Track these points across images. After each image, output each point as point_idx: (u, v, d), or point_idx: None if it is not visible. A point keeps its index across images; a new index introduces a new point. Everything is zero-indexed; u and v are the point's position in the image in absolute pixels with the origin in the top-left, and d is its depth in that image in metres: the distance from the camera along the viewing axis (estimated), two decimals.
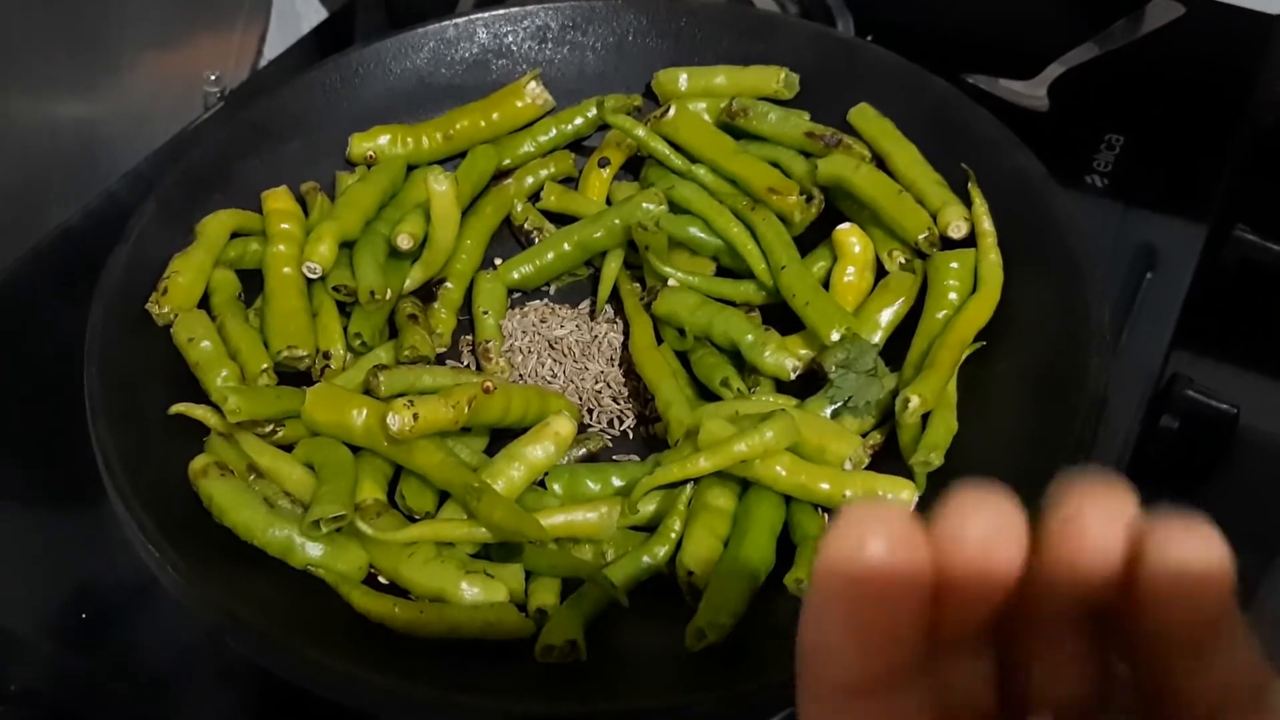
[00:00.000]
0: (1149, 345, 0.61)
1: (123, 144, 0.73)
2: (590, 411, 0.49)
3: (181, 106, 0.78)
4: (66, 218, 0.63)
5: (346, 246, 0.50)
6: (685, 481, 0.43)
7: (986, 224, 0.48)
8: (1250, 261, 0.68)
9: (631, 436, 0.49)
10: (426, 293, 0.51)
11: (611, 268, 0.52)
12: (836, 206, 0.52)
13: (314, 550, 0.40)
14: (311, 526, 0.39)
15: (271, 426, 0.44)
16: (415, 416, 0.41)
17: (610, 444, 0.48)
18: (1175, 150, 0.69)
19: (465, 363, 0.50)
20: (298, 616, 0.38)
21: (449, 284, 0.51)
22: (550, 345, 0.50)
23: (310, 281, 0.49)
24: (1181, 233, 0.67)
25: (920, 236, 0.49)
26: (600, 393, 0.50)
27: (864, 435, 0.45)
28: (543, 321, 0.51)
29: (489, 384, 0.43)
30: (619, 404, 0.50)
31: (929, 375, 0.44)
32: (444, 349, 0.50)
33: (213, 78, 0.78)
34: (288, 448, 0.44)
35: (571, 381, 0.50)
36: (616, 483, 0.45)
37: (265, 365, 0.45)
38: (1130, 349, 0.61)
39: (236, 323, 0.46)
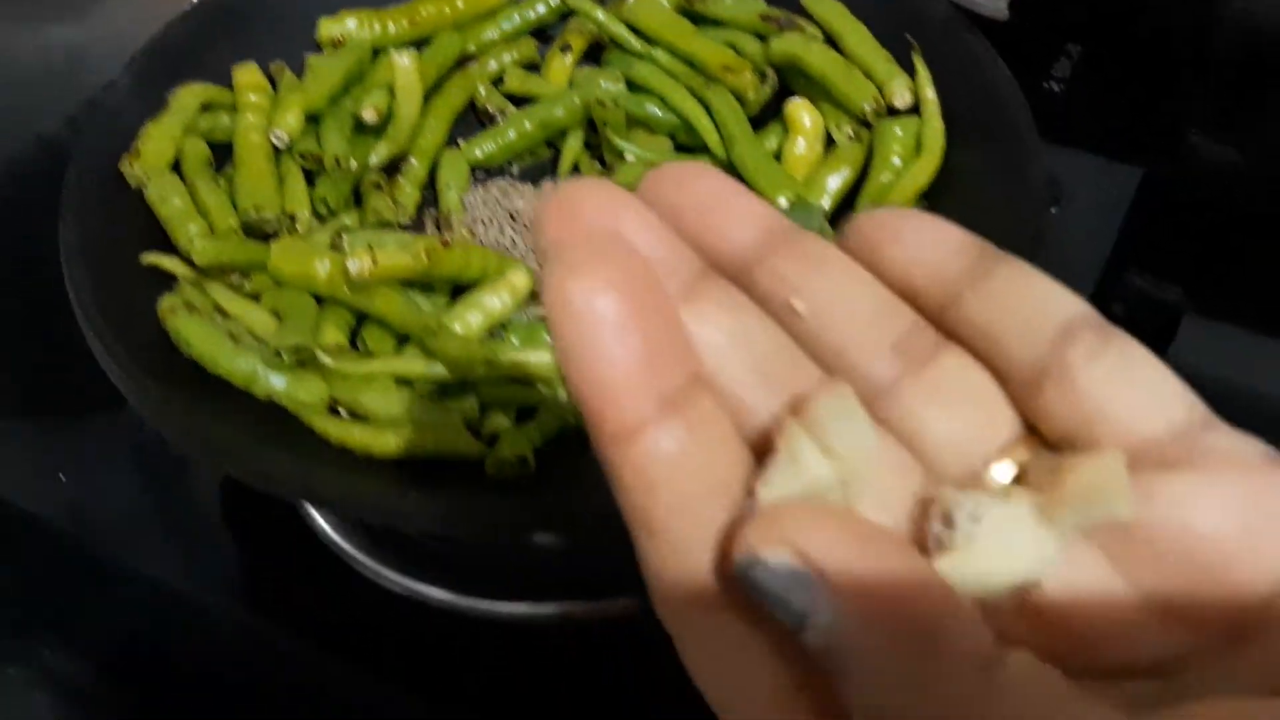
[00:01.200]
0: (1098, 241, 0.63)
1: (111, 65, 0.75)
2: None
3: None
4: (50, 129, 0.65)
5: (314, 121, 0.51)
6: None
7: (929, 92, 0.50)
8: (1203, 165, 0.70)
9: None
10: (392, 170, 0.53)
11: (572, 146, 0.54)
12: (790, 88, 0.54)
13: (277, 381, 0.41)
14: (274, 356, 0.41)
15: (238, 277, 0.46)
16: (375, 261, 0.43)
17: None
18: (1134, 60, 0.71)
19: (429, 234, 0.52)
20: (262, 435, 0.40)
21: (413, 160, 0.53)
22: (511, 217, 0.52)
23: (278, 152, 0.50)
24: (1137, 137, 0.69)
25: (866, 106, 0.50)
26: None
27: None
28: (504, 195, 0.53)
29: (447, 237, 0.45)
30: None
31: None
32: (408, 221, 0.52)
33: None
34: (255, 300, 0.46)
35: (531, 251, 0.52)
36: None
37: (233, 224, 0.47)
38: (1078, 244, 0.63)
39: (206, 185, 0.48)
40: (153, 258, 0.45)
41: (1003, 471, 0.19)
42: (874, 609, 0.16)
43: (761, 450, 0.19)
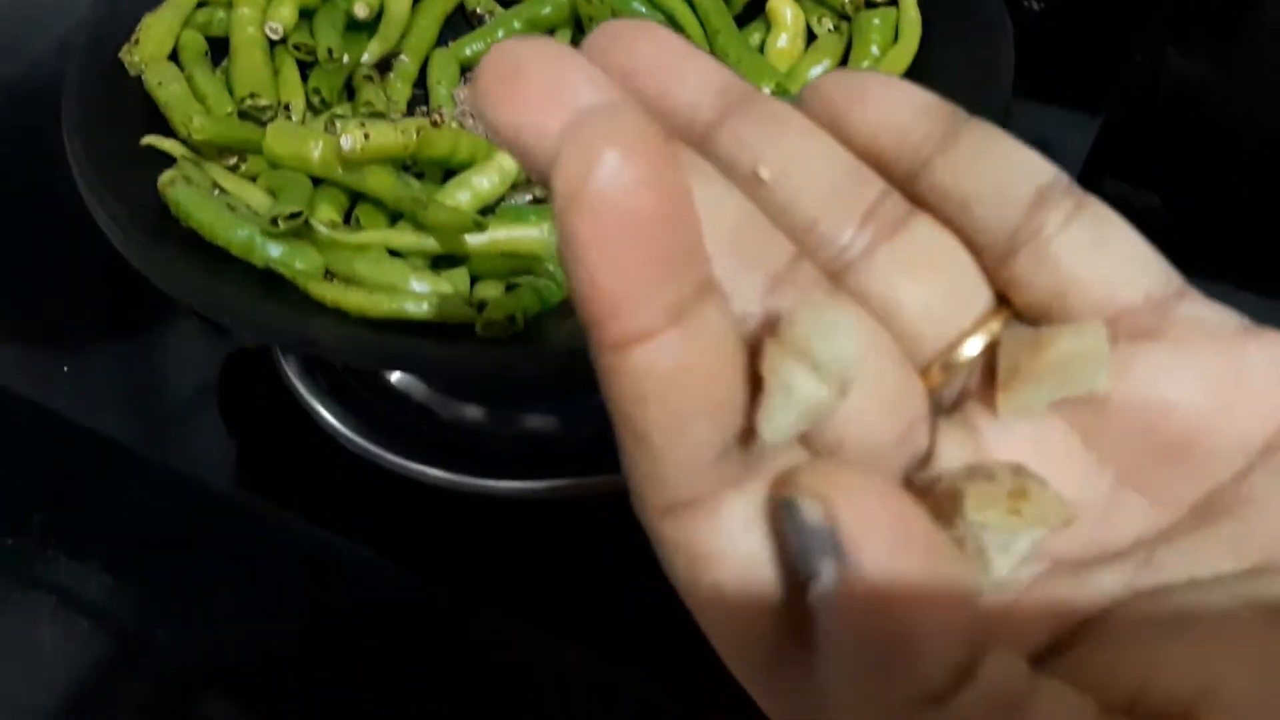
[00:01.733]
0: (1073, 144, 0.64)
1: None
2: None
3: None
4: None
5: (307, 17, 0.53)
6: None
7: None
8: (1179, 80, 0.71)
9: None
10: (384, 69, 0.54)
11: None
12: None
13: (274, 249, 0.43)
14: (270, 224, 0.43)
15: (235, 159, 0.47)
16: (366, 137, 0.44)
17: None
18: None
19: None
20: (260, 293, 0.41)
21: (404, 57, 0.54)
22: None
23: (273, 45, 0.52)
24: (1117, 52, 0.70)
25: (846, 0, 0.52)
26: None
27: None
28: None
29: (437, 117, 0.47)
30: None
31: None
32: (399, 115, 0.53)
33: None
34: (251, 181, 0.47)
35: None
36: None
37: (230, 110, 0.49)
38: (1053, 142, 0.64)
39: (203, 74, 0.49)
40: (152, 139, 0.47)
41: (974, 345, 0.19)
42: (869, 604, 0.15)
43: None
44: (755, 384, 0.17)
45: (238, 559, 0.53)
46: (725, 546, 0.17)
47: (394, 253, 0.45)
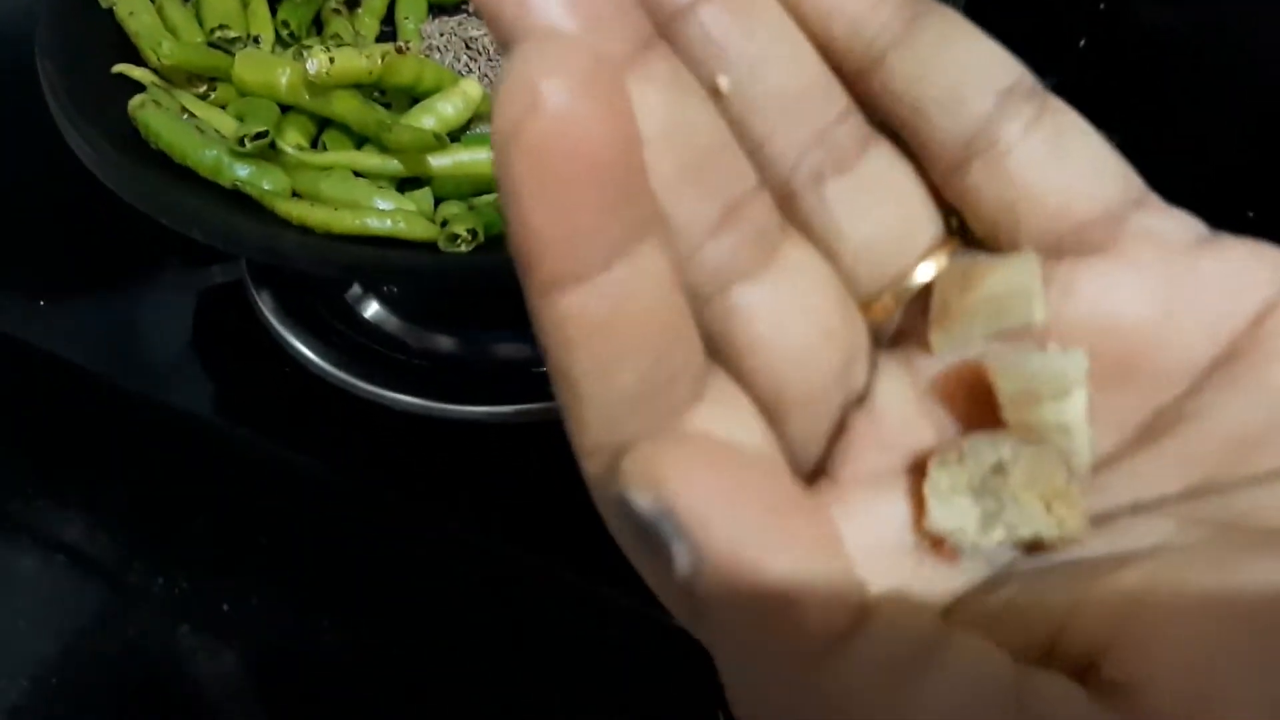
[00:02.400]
0: None
1: None
2: None
3: None
4: None
5: None
6: None
7: None
8: (1141, 19, 0.72)
9: None
10: (353, 3, 0.55)
11: None
12: None
13: (241, 170, 0.44)
14: (238, 145, 0.44)
15: (205, 88, 0.48)
16: (332, 61, 0.45)
17: None
18: None
19: None
20: (228, 209, 0.42)
21: None
22: (466, 45, 0.55)
23: None
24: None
25: None
26: None
27: None
28: (460, 25, 0.55)
29: (402, 45, 0.48)
30: None
31: None
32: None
33: None
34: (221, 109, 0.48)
35: (486, 76, 0.54)
36: None
37: (199, 40, 0.50)
38: None
39: (174, 6, 0.50)
40: (123, 66, 0.48)
41: (922, 274, 0.19)
42: (729, 571, 0.14)
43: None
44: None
45: (215, 487, 0.54)
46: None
47: (360, 175, 0.46)
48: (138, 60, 0.49)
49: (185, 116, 0.46)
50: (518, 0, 0.15)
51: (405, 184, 0.46)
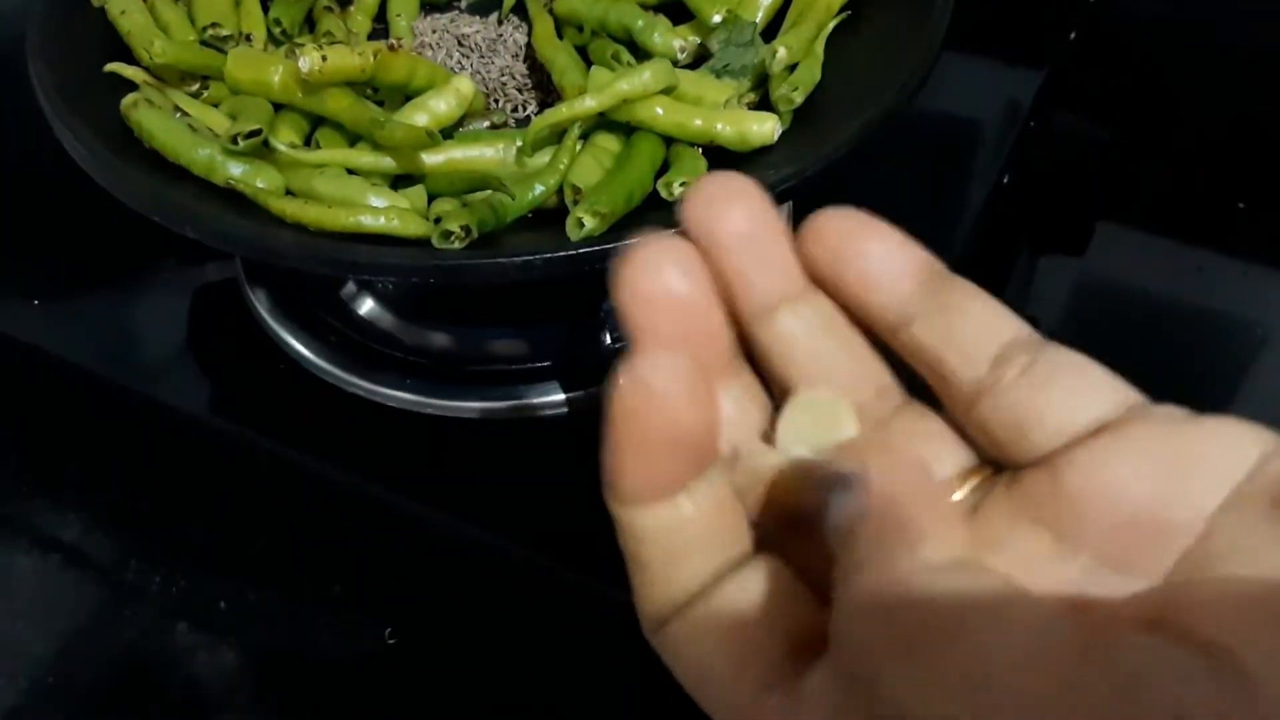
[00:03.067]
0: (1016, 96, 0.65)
1: None
2: (496, 102, 0.54)
3: None
4: None
5: None
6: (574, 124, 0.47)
7: None
8: (1130, 13, 0.73)
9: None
10: (345, 1, 0.55)
11: None
12: None
13: (235, 168, 0.44)
14: (231, 143, 0.44)
15: (197, 86, 0.48)
16: (324, 58, 0.45)
17: (513, 124, 0.52)
18: None
19: None
20: (223, 210, 0.42)
21: None
22: (458, 42, 0.55)
23: None
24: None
25: None
26: (505, 84, 0.54)
27: (739, 95, 0.50)
28: (452, 23, 0.55)
29: (395, 42, 0.48)
30: (523, 94, 0.54)
31: (797, 31, 0.49)
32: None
33: None
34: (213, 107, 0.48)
35: (478, 73, 0.54)
36: (515, 141, 0.49)
37: (191, 39, 0.50)
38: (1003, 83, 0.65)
39: (165, 4, 0.50)
40: (115, 66, 0.48)
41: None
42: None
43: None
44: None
45: (211, 485, 0.54)
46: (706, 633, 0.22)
47: (353, 173, 0.46)
48: (130, 59, 0.49)
49: (178, 115, 0.46)
50: (646, 317, 0.21)
51: (399, 181, 0.46)
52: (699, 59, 0.52)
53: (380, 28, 0.56)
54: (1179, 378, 0.47)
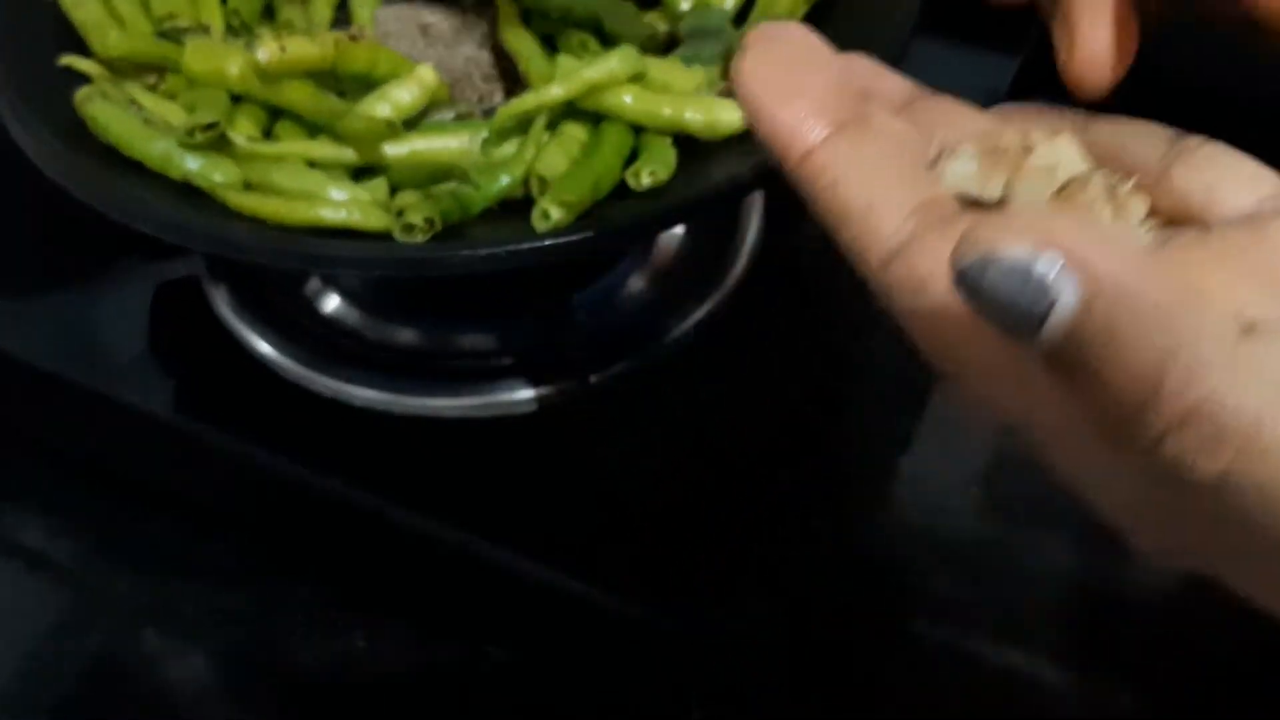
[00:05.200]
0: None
1: None
2: (461, 92, 0.53)
3: None
4: None
5: None
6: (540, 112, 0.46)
7: None
8: None
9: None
10: None
11: None
12: None
13: (191, 162, 0.43)
14: (187, 136, 0.43)
15: (155, 79, 0.47)
16: (283, 49, 0.44)
17: (479, 115, 0.51)
18: None
19: None
20: (177, 201, 0.41)
21: None
22: (422, 31, 0.54)
23: None
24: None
25: None
26: (470, 74, 0.53)
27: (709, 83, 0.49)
28: (414, 10, 0.54)
29: (356, 30, 0.47)
30: (489, 84, 0.53)
31: (767, 19, 0.48)
32: None
33: None
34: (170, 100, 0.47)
35: (442, 63, 0.53)
36: (481, 132, 0.48)
37: (147, 32, 0.48)
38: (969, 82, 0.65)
39: None
40: (69, 59, 0.47)
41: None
42: (1123, 283, 0.18)
43: None
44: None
45: (175, 485, 0.53)
46: (934, 268, 0.22)
47: (314, 165, 0.45)
48: (84, 51, 0.48)
49: (133, 109, 0.45)
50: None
51: (360, 174, 0.45)
52: (668, 46, 0.51)
53: (341, 17, 0.54)
54: None
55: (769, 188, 0.45)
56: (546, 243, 0.39)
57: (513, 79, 0.53)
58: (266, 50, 0.44)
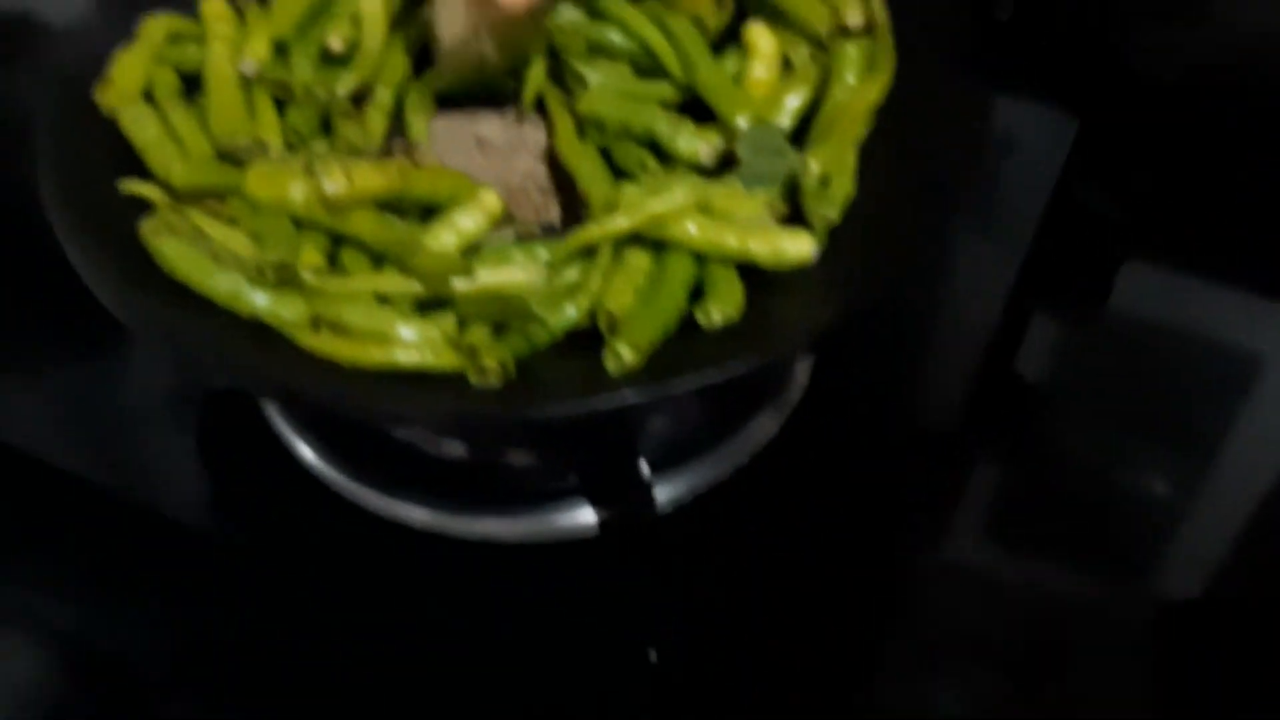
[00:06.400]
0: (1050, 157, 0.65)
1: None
2: (518, 208, 0.52)
3: None
4: None
5: (282, 52, 0.52)
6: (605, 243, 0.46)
7: (880, 15, 0.52)
8: (1144, 89, 0.72)
9: (558, 230, 0.52)
10: (359, 101, 0.54)
11: (535, 73, 0.55)
12: (745, 11, 0.56)
13: (260, 299, 0.43)
14: (257, 274, 0.42)
15: (215, 202, 0.47)
16: (349, 180, 0.44)
17: (538, 232, 0.51)
18: None
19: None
20: (250, 347, 0.41)
21: (379, 89, 0.54)
22: (478, 143, 0.53)
23: (248, 82, 0.51)
24: (1082, 62, 0.71)
25: (822, 29, 0.52)
26: (527, 188, 0.53)
27: (769, 205, 0.49)
28: (470, 121, 0.54)
29: (417, 155, 0.47)
30: (545, 198, 0.53)
31: (828, 143, 0.48)
32: (376, 149, 0.52)
33: None
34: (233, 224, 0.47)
35: (499, 178, 0.53)
36: (543, 256, 0.48)
37: (207, 150, 0.48)
38: (1030, 167, 0.65)
39: (179, 112, 0.49)
40: (131, 184, 0.46)
41: None
42: None
43: None
44: None
45: (213, 598, 0.52)
46: None
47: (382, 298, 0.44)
48: (142, 170, 0.48)
49: (199, 240, 0.44)
50: None
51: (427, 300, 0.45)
52: (725, 162, 0.51)
53: (396, 124, 0.54)
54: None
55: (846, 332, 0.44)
56: (626, 403, 0.39)
57: (569, 192, 0.52)
58: (333, 183, 0.44)
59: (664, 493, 0.48)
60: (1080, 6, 0.72)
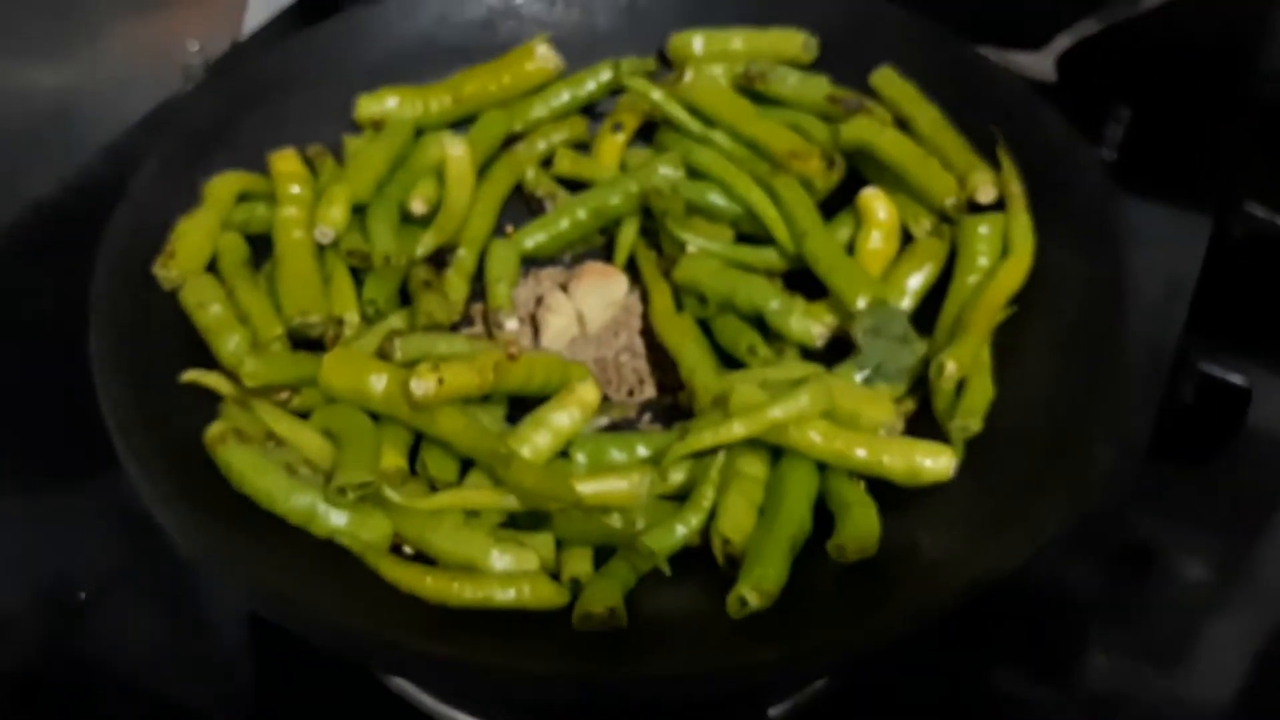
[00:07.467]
0: (1163, 323, 0.60)
1: (101, 114, 0.71)
2: (610, 382, 0.48)
3: (162, 76, 0.75)
4: (42, 191, 0.61)
5: (358, 211, 0.48)
6: (717, 449, 0.41)
7: (1015, 187, 0.47)
8: (1258, 236, 0.67)
9: (654, 405, 0.47)
10: (438, 260, 0.49)
11: (628, 234, 0.51)
12: (860, 173, 0.51)
13: (338, 519, 0.38)
14: (336, 494, 0.38)
15: (287, 393, 0.42)
16: (440, 381, 0.40)
17: (633, 414, 0.47)
18: (1182, 123, 0.69)
19: (478, 329, 0.49)
20: (324, 583, 0.36)
21: (462, 251, 0.49)
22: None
23: (321, 247, 0.47)
24: (1191, 206, 0.67)
25: (948, 201, 0.47)
26: (621, 363, 0.48)
27: (896, 402, 0.44)
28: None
29: (513, 350, 0.42)
30: (639, 373, 0.48)
31: (963, 340, 0.43)
32: (458, 318, 0.48)
33: (194, 48, 0.75)
34: (303, 415, 0.42)
35: (595, 359, 0.48)
36: (642, 452, 0.43)
37: (278, 332, 0.44)
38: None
39: (247, 287, 0.44)
40: (194, 375, 0.42)
41: None
42: None
43: None
44: None
45: None
46: None
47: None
48: (206, 351, 0.43)
49: (269, 444, 0.40)
50: None
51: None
52: (837, 343, 0.46)
53: (477, 286, 0.50)
54: None
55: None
56: (757, 671, 0.34)
57: (665, 367, 0.48)
58: (423, 384, 0.39)
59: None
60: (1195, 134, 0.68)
